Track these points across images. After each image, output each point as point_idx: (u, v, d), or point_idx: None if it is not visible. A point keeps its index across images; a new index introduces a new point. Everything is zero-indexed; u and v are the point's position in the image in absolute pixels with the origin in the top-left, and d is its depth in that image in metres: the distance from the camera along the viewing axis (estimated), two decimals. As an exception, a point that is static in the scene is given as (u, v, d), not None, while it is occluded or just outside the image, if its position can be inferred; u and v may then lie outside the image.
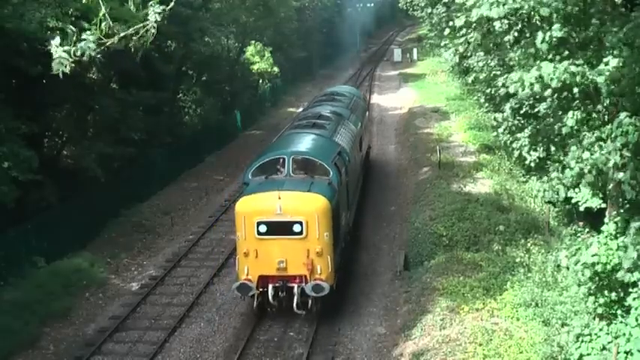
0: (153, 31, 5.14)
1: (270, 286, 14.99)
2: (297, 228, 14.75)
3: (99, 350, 14.83)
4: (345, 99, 26.95)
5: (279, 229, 14.78)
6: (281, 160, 16.50)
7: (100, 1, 4.96)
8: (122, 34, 5.18)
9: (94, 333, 15.81)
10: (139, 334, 15.60)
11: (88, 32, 5.04)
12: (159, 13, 5.12)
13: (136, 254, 21.03)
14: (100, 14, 4.99)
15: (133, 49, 5.47)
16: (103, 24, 5.05)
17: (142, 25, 5.20)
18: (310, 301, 15.05)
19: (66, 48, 4.98)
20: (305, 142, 18.20)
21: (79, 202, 20.94)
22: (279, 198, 14.74)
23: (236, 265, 15.57)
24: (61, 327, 16.14)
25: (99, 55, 5.20)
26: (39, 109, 20.99)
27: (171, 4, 5.32)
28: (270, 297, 15.01)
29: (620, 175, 9.87)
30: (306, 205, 14.92)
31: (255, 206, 15.08)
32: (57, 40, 4.97)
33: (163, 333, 15.44)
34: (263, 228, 14.83)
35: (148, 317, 16.46)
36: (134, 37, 5.25)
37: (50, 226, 19.16)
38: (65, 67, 4.99)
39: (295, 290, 14.87)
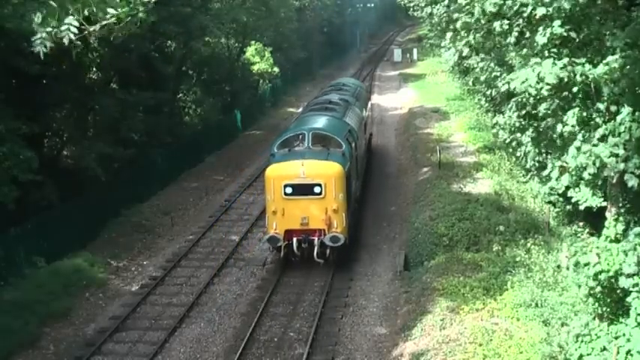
0: (141, 15, 5.12)
1: (295, 239, 17.88)
2: (317, 189, 17.86)
3: (99, 350, 14.82)
4: (351, 89, 30.04)
5: (302, 190, 17.90)
6: (301, 135, 19.64)
7: None
8: (104, 22, 5.13)
9: (94, 333, 15.81)
10: (139, 334, 15.59)
11: (71, 17, 5.01)
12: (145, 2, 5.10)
13: (136, 254, 21.02)
14: None
15: (113, 37, 5.45)
16: (86, 9, 5.01)
17: (128, 9, 5.15)
18: (328, 251, 18.03)
19: (48, 30, 4.91)
20: (320, 121, 21.34)
21: (79, 202, 20.94)
22: (302, 165, 17.95)
23: (266, 222, 18.60)
24: (61, 327, 16.13)
25: (78, 42, 5.13)
26: (39, 109, 21.00)
27: None
28: (294, 248, 17.91)
29: (622, 165, 9.82)
30: (325, 171, 18.02)
31: (283, 172, 18.14)
32: (39, 17, 4.94)
33: (163, 333, 15.44)
34: (289, 190, 17.92)
35: (148, 317, 16.46)
36: (117, 25, 5.21)
37: (50, 226, 19.15)
38: (45, 47, 4.97)
39: (316, 242, 17.77)
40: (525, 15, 10.97)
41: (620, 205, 12.50)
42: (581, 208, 13.65)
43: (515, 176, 25.12)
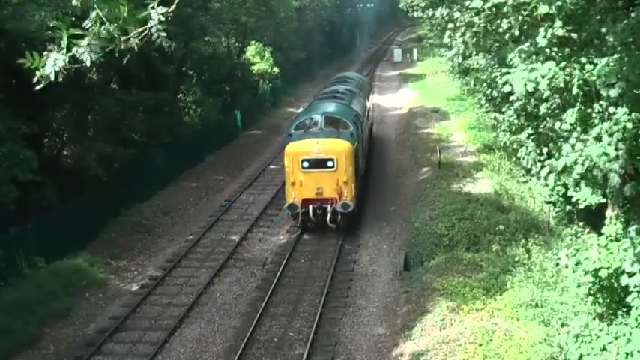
0: (163, 34, 4.91)
1: (311, 207, 20.63)
2: (330, 164, 20.67)
3: (99, 350, 14.82)
4: (354, 81, 33.37)
5: (317, 164, 20.70)
6: (315, 118, 22.47)
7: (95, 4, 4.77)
8: (123, 38, 4.97)
9: (94, 333, 15.81)
10: (139, 334, 15.59)
11: (89, 38, 4.83)
12: (162, 15, 4.91)
13: (136, 254, 21.02)
14: (93, 14, 4.77)
15: (128, 52, 5.17)
16: (102, 28, 4.83)
17: (143, 29, 5.00)
18: (339, 217, 20.63)
19: (62, 56, 4.74)
20: (331, 107, 24.17)
21: (79, 202, 20.93)
22: (317, 143, 20.83)
23: (285, 192, 21.35)
24: (61, 327, 16.13)
25: (99, 61, 4.97)
26: (39, 109, 20.98)
27: (173, 6, 5.10)
28: (310, 214, 20.67)
29: (609, 165, 9.82)
30: (336, 147, 20.84)
31: (300, 149, 21.01)
32: (54, 54, 4.72)
33: (163, 333, 15.44)
34: (305, 164, 20.74)
35: (148, 317, 16.45)
36: (134, 40, 5.05)
37: (50, 226, 19.15)
38: (59, 74, 4.81)
39: (329, 209, 20.50)
40: (526, 13, 10.96)
41: (620, 204, 12.49)
42: (581, 207, 13.64)
43: (515, 176, 25.11)
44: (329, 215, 20.44)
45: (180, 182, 28.55)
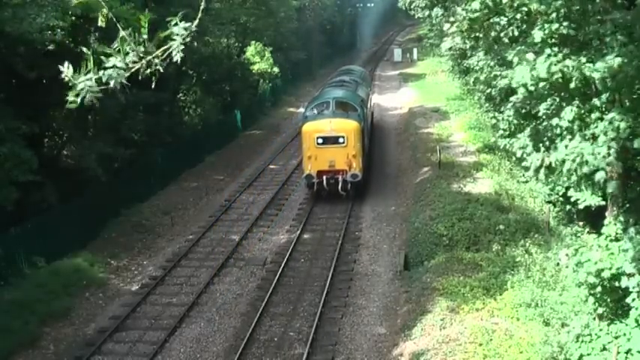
0: (180, 49, 4.73)
1: (324, 177, 23.96)
2: (341, 140, 24.05)
3: (99, 350, 14.82)
4: (357, 72, 37.49)
5: (330, 141, 24.08)
6: (327, 102, 26.02)
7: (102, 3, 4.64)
8: (147, 58, 4.79)
9: (94, 333, 15.80)
10: (139, 334, 15.59)
11: (113, 58, 4.53)
12: (185, 29, 4.72)
13: (136, 254, 21.02)
14: (120, 35, 4.54)
15: (153, 74, 4.93)
16: (128, 47, 4.64)
17: (165, 47, 4.83)
18: (348, 186, 24.04)
19: (89, 76, 4.43)
20: (340, 93, 27.97)
21: (79, 202, 20.93)
22: (330, 122, 24.27)
23: (303, 165, 25.08)
24: (61, 327, 16.13)
25: (127, 82, 4.73)
26: (39, 109, 20.97)
27: (196, 21, 4.90)
28: (324, 184, 23.90)
29: (598, 162, 9.81)
30: (346, 126, 24.25)
31: (316, 127, 24.43)
32: (70, 69, 4.42)
33: (163, 333, 15.44)
34: (320, 140, 24.11)
35: (148, 317, 16.45)
36: (157, 60, 4.87)
37: (50, 226, 19.14)
38: (94, 98, 4.52)
39: (340, 179, 23.92)
40: (525, 11, 10.97)
41: (620, 204, 12.49)
42: (581, 207, 13.66)
43: (515, 176, 25.11)
44: (340, 184, 23.84)
45: (180, 182, 28.55)
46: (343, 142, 23.97)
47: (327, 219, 23.30)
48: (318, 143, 24.07)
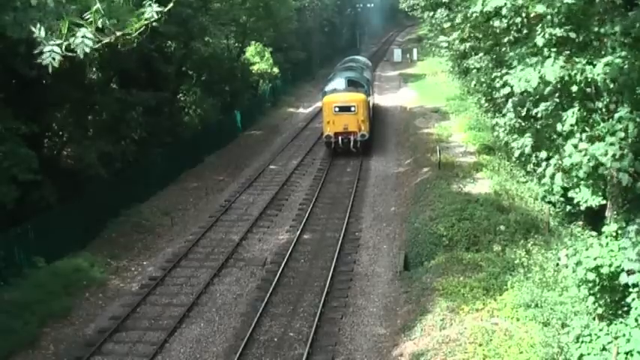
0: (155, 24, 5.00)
1: (340, 138, 31.26)
2: (352, 109, 31.28)
3: (99, 350, 14.81)
4: (361, 61, 44.68)
5: (344, 109, 31.29)
6: (340, 81, 33.79)
7: None
8: (119, 33, 5.07)
9: (94, 333, 15.80)
10: (139, 335, 15.58)
11: (84, 29, 4.91)
12: (157, 12, 5.00)
13: (136, 254, 21.02)
14: (93, 9, 4.84)
15: (125, 47, 5.22)
16: (99, 20, 4.92)
17: (140, 24, 5.07)
18: (359, 144, 31.19)
19: (58, 42, 4.78)
20: (350, 74, 35.47)
21: (79, 202, 20.92)
22: (344, 95, 31.87)
23: (323, 128, 32.38)
24: (61, 327, 16.13)
25: (95, 54, 5.06)
26: (39, 109, 20.98)
27: (170, 5, 5.20)
28: (340, 142, 31.19)
29: (616, 164, 9.83)
30: (356, 98, 31.70)
31: (333, 99, 31.91)
32: (42, 31, 4.79)
33: (163, 333, 15.44)
34: (336, 109, 31.34)
35: (148, 317, 16.45)
36: (129, 36, 5.14)
37: (50, 226, 19.14)
38: (55, 60, 4.87)
39: (352, 138, 31.18)
40: (524, 15, 10.98)
41: (620, 203, 12.50)
42: (582, 208, 13.64)
43: (515, 176, 25.11)
44: (352, 143, 31.02)
45: (180, 182, 28.54)
46: (354, 110, 31.04)
47: (327, 219, 23.31)
48: (334, 111, 31.12)
